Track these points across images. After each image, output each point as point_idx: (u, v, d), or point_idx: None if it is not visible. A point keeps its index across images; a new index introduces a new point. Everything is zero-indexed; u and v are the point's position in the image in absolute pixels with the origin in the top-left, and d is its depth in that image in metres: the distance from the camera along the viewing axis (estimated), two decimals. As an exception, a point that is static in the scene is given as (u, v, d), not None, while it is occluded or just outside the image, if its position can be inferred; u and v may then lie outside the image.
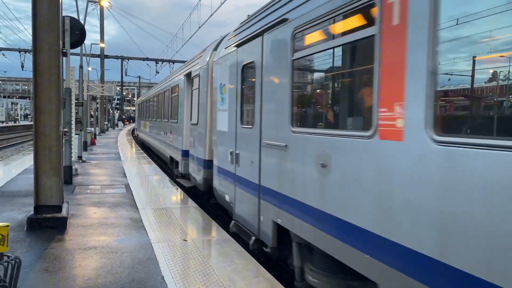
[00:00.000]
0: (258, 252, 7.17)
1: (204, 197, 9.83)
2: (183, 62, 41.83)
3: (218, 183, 7.52)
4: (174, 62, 50.73)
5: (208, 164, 8.50)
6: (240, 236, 7.31)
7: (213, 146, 8.02)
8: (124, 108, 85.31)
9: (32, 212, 6.45)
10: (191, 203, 8.58)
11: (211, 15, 21.07)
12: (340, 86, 4.49)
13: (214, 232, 6.45)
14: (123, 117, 72.13)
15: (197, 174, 9.18)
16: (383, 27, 3.14)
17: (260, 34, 5.54)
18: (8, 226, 2.83)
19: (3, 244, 2.76)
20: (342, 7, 3.67)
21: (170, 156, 13.80)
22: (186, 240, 5.90)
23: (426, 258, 2.67)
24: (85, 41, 10.97)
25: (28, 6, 6.39)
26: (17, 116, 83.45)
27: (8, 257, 2.70)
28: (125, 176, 11.99)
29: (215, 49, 8.66)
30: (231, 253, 5.42)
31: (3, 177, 11.12)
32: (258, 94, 5.54)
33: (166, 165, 17.00)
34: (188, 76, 11.05)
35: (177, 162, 12.27)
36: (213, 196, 8.36)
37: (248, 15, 6.83)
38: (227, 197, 7.02)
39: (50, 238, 5.87)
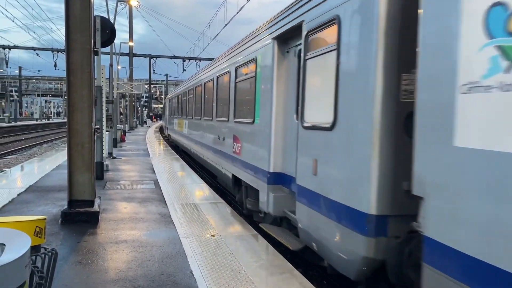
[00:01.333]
0: (285, 249, 7.17)
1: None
2: (210, 59, 42.00)
3: None
4: (200, 60, 51.35)
5: (377, 225, 3.80)
6: (267, 231, 7.29)
7: (446, 194, 2.99)
8: (152, 106, 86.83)
9: (66, 206, 6.67)
10: (218, 199, 8.66)
11: (237, 12, 21.15)
12: None
13: (241, 228, 6.49)
14: (151, 114, 73.56)
15: (338, 243, 4.38)
16: None
17: None
18: (45, 219, 2.94)
19: (41, 236, 2.88)
20: None
21: (233, 176, 9.00)
22: (214, 236, 5.97)
23: None
24: (115, 40, 11.21)
25: (60, 7, 6.60)
26: (51, 113, 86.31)
27: (45, 249, 2.81)
28: (154, 172, 12.22)
29: None
30: (258, 249, 5.45)
31: (38, 173, 11.55)
32: None
33: (208, 172, 13.93)
34: (286, 36, 6.42)
35: (253, 190, 7.47)
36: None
37: None
38: None
39: (83, 231, 6.07)
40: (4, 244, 2.09)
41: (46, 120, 71.52)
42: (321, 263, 5.29)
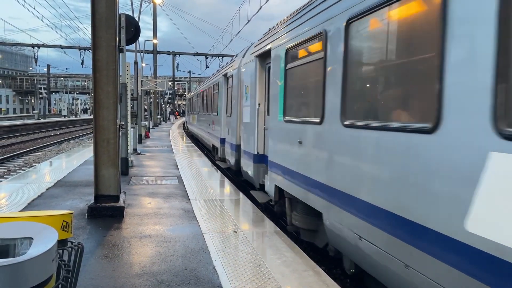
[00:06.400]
0: (307, 245, 7.13)
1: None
2: (232, 56, 42.09)
3: None
4: (223, 56, 51.49)
5: None
6: (286, 228, 7.22)
7: None
8: (176, 102, 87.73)
9: (92, 201, 6.82)
10: (240, 195, 8.67)
11: (260, 8, 21.08)
12: None
13: (263, 224, 6.48)
14: (174, 110, 74.49)
15: None
16: None
17: None
18: (72, 213, 2.99)
19: (68, 230, 2.93)
20: None
21: None
22: (236, 232, 5.98)
23: None
24: (139, 38, 11.34)
25: (87, 6, 6.72)
26: (78, 110, 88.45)
27: (72, 243, 2.86)
28: (177, 168, 12.35)
29: None
30: (280, 245, 5.42)
31: (66, 168, 11.85)
32: None
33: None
34: None
35: None
36: None
37: None
38: None
39: (108, 226, 6.18)
40: (32, 238, 2.14)
41: (74, 117, 73.29)
42: None
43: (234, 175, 11.87)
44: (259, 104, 8.76)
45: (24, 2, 34.06)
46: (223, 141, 13.31)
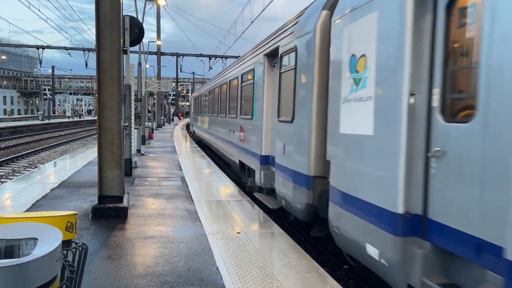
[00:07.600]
0: (310, 247, 7.12)
1: None
2: (236, 57, 42.08)
3: None
4: (226, 57, 51.58)
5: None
6: (291, 227, 7.24)
7: None
8: (179, 103, 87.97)
9: (96, 202, 6.84)
10: (243, 196, 8.68)
11: (263, 9, 21.10)
12: None
13: (267, 225, 6.48)
14: (178, 111, 74.73)
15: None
16: None
17: None
18: (76, 214, 3.01)
19: (72, 231, 2.95)
20: None
21: None
22: (239, 233, 5.98)
23: None
24: (143, 39, 11.37)
25: (91, 8, 6.85)
26: (82, 111, 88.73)
27: (76, 243, 2.87)
28: (181, 169, 12.37)
29: None
30: (283, 247, 5.43)
31: (70, 169, 11.90)
32: None
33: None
34: None
35: None
36: None
37: None
38: None
39: (112, 226, 6.20)
40: (36, 239, 2.15)
41: (78, 118, 73.54)
42: None
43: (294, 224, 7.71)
44: (411, 94, 3.76)
45: (29, 3, 34.30)
46: (266, 160, 8.60)
